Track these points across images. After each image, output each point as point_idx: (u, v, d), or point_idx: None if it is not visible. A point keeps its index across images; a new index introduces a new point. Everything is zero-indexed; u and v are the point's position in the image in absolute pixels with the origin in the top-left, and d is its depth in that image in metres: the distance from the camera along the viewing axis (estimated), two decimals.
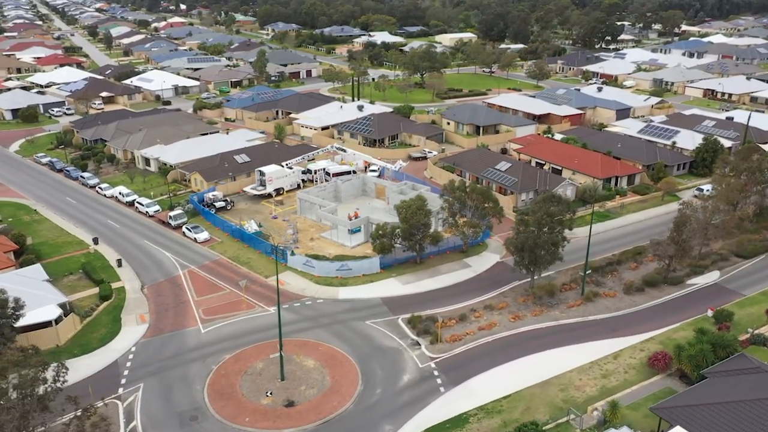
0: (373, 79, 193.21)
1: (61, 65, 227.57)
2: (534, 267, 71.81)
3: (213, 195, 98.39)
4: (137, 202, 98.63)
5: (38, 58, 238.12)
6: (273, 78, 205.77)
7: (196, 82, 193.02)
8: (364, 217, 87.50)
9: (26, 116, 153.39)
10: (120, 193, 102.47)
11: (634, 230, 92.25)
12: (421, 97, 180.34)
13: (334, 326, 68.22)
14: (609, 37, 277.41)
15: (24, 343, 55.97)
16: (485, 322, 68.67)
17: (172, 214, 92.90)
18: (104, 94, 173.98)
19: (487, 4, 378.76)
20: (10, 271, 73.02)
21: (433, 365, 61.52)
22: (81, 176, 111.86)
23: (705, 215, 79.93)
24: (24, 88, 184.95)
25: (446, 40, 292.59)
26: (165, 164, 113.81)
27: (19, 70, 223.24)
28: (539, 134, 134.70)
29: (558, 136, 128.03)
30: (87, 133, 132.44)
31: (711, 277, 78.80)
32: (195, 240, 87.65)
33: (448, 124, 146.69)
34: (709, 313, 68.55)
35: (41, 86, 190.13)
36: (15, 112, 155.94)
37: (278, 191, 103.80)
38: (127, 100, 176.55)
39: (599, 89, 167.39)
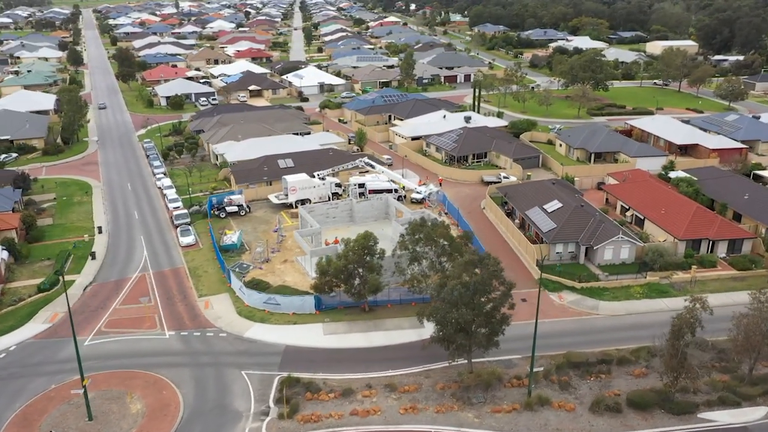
0: (532, 88, 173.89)
1: (253, 59, 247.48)
2: (449, 347, 54.61)
3: (229, 198, 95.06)
4: (166, 197, 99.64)
5: (238, 51, 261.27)
6: (424, 80, 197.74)
7: (343, 81, 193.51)
8: (332, 247, 76.26)
9: (173, 103, 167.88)
10: (162, 185, 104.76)
11: None
12: (565, 112, 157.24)
13: (206, 368, 59.58)
14: None
15: None
16: (368, 406, 53.99)
17: (175, 213, 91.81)
18: (252, 87, 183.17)
19: (737, 6, 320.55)
20: None
21: None
22: (152, 164, 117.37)
23: (762, 319, 53.63)
24: (204, 78, 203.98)
25: (657, 48, 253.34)
26: (225, 161, 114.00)
27: (216, 62, 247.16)
28: (666, 169, 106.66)
29: (675, 174, 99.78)
30: (193, 123, 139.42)
31: (750, 414, 52.68)
32: (179, 243, 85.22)
33: (560, 146, 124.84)
34: None
35: (213, 76, 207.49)
36: (168, 99, 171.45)
37: (303, 202, 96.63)
38: (271, 95, 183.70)
39: None
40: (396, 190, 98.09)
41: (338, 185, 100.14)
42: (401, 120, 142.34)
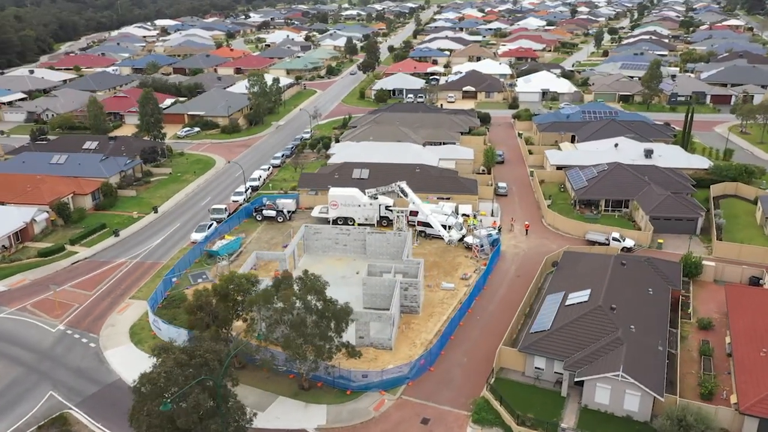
0: None
1: (518, 59, 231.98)
2: None
3: (270, 202, 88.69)
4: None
5: (510, 49, 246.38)
6: (678, 98, 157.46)
7: (572, 90, 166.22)
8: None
9: (377, 97, 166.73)
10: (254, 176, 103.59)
11: None
12: None
13: (32, 375, 55.59)
14: None
15: None
16: None
17: (213, 206, 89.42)
18: (466, 88, 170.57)
19: None
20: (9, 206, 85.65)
21: None
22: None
23: None
24: (437, 74, 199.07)
25: None
26: (324, 162, 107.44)
27: (434, 62, 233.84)
28: None
29: None
30: (355, 120, 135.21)
31: None
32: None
33: (758, 211, 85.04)
34: None
35: (450, 74, 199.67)
36: (376, 92, 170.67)
37: (345, 221, 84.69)
38: (485, 98, 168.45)
39: None
40: (447, 227, 78.94)
41: (388, 208, 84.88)
42: (572, 141, 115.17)
